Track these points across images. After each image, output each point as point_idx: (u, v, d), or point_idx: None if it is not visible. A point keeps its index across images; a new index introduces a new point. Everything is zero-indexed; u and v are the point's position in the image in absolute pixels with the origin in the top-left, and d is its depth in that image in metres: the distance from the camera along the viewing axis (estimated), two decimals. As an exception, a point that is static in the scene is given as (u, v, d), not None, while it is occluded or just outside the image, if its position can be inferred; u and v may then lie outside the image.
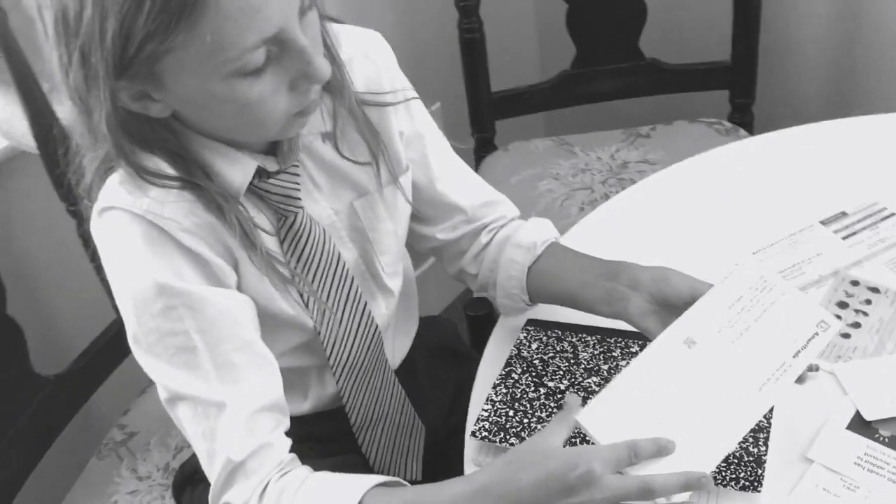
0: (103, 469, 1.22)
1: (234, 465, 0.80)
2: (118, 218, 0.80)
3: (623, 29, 1.67)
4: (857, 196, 1.17)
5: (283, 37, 0.73)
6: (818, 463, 0.86)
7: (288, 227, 0.89)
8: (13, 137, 1.22)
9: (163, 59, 0.71)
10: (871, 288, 1.04)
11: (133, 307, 0.81)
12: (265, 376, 0.84)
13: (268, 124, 0.79)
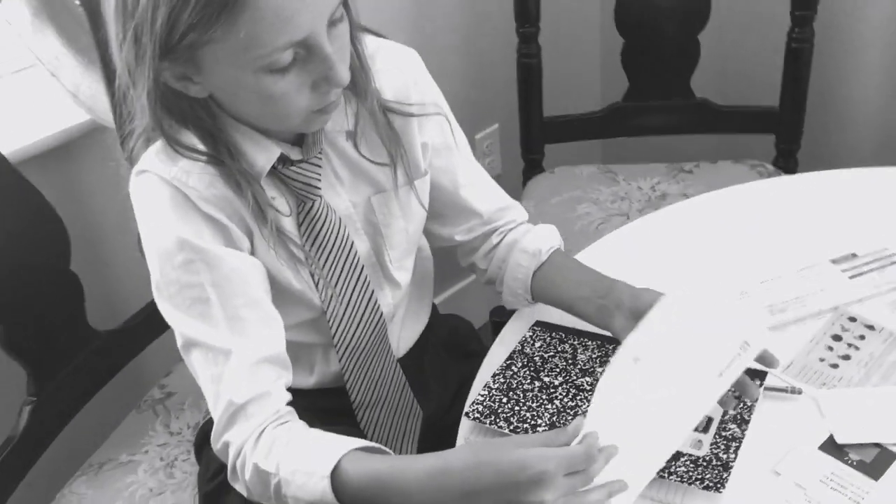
0: (140, 422, 1.33)
1: (235, 407, 0.89)
2: (150, 181, 0.91)
3: (676, 67, 1.73)
4: (870, 240, 1.21)
5: (310, 42, 0.83)
6: (785, 476, 0.90)
7: (306, 212, 0.98)
8: (95, 112, 1.34)
9: (202, 48, 0.81)
10: (867, 325, 1.08)
11: (157, 259, 0.91)
12: (270, 332, 0.94)
13: (290, 117, 0.88)
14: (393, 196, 1.05)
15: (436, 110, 1.06)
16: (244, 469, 0.90)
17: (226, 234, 0.93)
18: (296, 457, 0.87)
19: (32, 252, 1.18)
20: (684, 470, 0.90)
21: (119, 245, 1.48)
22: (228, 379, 0.90)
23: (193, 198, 0.90)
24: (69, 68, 1.31)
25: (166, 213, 0.90)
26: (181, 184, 0.90)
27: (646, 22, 1.69)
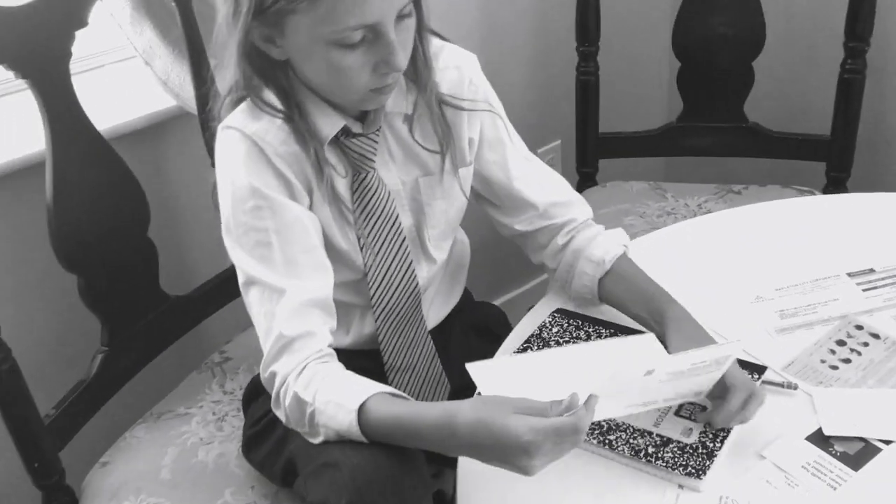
0: (199, 381, 1.46)
1: (284, 340, 1.01)
2: (233, 136, 1.05)
3: (730, 92, 1.79)
4: (890, 259, 1.26)
5: (378, 28, 0.96)
6: (769, 460, 0.96)
7: (360, 181, 1.10)
8: (181, 99, 1.49)
9: (288, 16, 0.95)
10: (872, 333, 1.13)
11: (230, 203, 1.05)
12: (321, 278, 1.06)
13: (350, 91, 1.02)
14: (438, 180, 1.16)
15: (486, 107, 1.18)
16: (286, 396, 1.01)
17: (290, 188, 1.05)
18: (330, 390, 0.98)
19: (114, 217, 1.31)
20: (671, 456, 0.97)
21: (194, 219, 1.62)
22: (280, 315, 1.02)
23: (268, 153, 1.04)
24: (161, 58, 1.46)
25: (244, 164, 1.04)
26: (259, 139, 1.04)
27: (702, 47, 1.76)
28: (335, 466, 0.95)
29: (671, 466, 0.96)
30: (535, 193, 1.23)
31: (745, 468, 0.96)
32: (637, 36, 2.09)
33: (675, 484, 0.95)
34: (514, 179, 1.22)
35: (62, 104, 1.22)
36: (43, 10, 1.16)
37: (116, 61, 1.62)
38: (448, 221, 1.20)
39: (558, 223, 1.23)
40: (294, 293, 1.03)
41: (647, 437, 1.00)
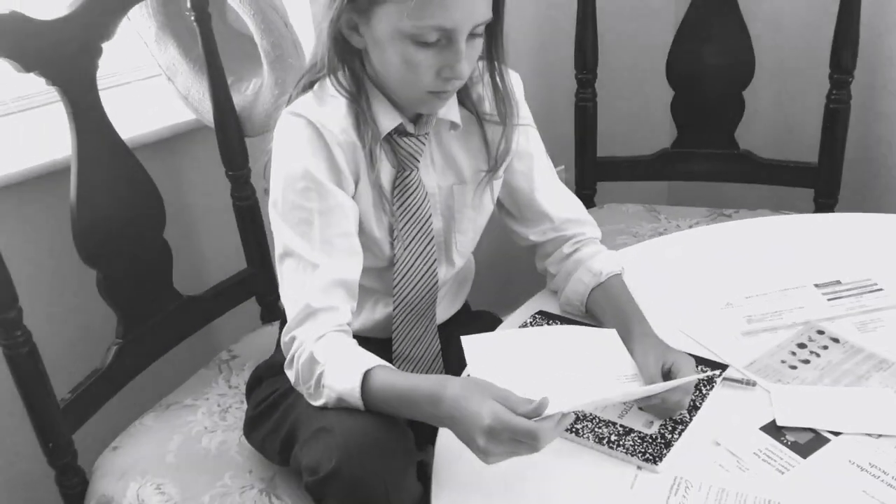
0: (206, 376, 1.55)
1: (311, 309, 1.11)
2: (298, 121, 1.15)
3: (721, 119, 1.87)
4: (858, 272, 1.33)
5: (452, 35, 1.08)
6: (724, 447, 1.03)
7: (403, 178, 1.21)
8: (200, 114, 1.60)
9: (379, 5, 1.07)
10: (832, 338, 1.20)
11: (283, 181, 1.14)
12: (352, 261, 1.16)
13: (413, 88, 1.12)
14: (471, 189, 1.27)
15: (526, 123, 1.29)
16: (300, 357, 1.10)
17: (340, 176, 1.15)
18: (343, 355, 1.09)
19: (133, 218, 1.42)
20: (631, 444, 1.05)
21: (208, 225, 1.73)
22: (311, 286, 1.12)
23: (328, 140, 1.14)
24: (183, 74, 1.57)
25: (303, 148, 1.14)
26: (322, 126, 1.14)
27: (694, 76, 1.85)
28: (329, 431, 1.04)
29: (631, 453, 1.03)
30: (553, 207, 1.33)
31: (700, 453, 1.03)
32: (635, 64, 2.18)
33: (635, 466, 1.02)
34: (536, 191, 1.32)
35: (89, 110, 1.32)
36: (73, 22, 1.27)
37: (143, 79, 1.74)
38: (475, 229, 1.31)
39: (568, 235, 1.33)
40: (326, 270, 1.12)
41: (612, 426, 1.07)
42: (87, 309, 1.49)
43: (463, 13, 1.06)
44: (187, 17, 1.48)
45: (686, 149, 1.92)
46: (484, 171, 1.26)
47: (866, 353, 1.16)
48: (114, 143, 1.38)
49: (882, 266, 1.34)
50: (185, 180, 1.68)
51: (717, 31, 1.82)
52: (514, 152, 1.28)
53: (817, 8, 1.95)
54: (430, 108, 1.18)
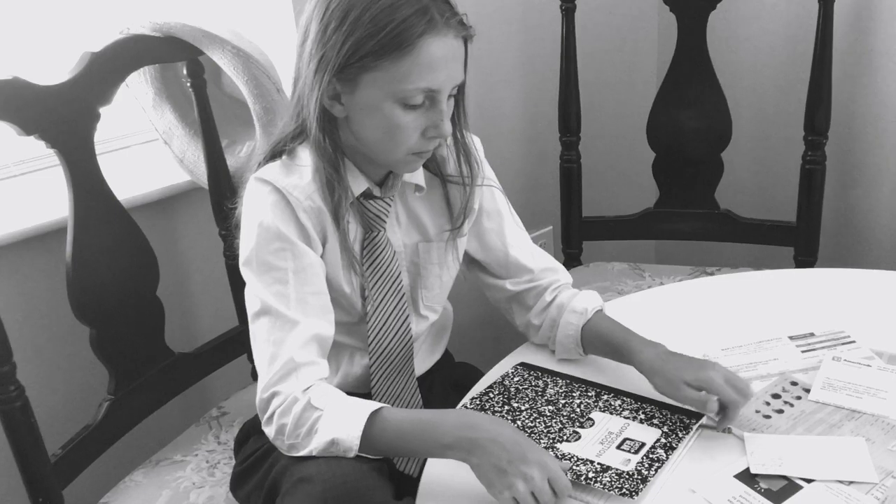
0: (196, 433, 1.57)
1: (293, 364, 1.13)
2: (265, 188, 1.20)
3: (701, 180, 1.93)
4: (831, 325, 1.37)
5: (436, 96, 1.14)
6: (699, 494, 1.05)
7: (371, 238, 1.26)
8: (195, 175, 1.65)
9: (367, 72, 1.12)
10: (805, 388, 1.23)
11: (256, 242, 1.18)
12: (325, 319, 1.20)
13: (397, 149, 1.18)
14: (435, 247, 1.32)
15: (491, 184, 1.35)
16: (289, 410, 1.11)
17: (308, 238, 1.20)
18: (346, 401, 1.12)
19: (127, 276, 1.45)
20: (608, 480, 1.07)
21: (201, 283, 1.76)
22: (291, 343, 1.15)
23: (294, 205, 1.18)
24: (179, 138, 1.63)
25: (272, 211, 1.18)
26: (289, 193, 1.19)
27: (674, 139, 1.92)
28: (309, 480, 1.07)
29: (608, 488, 1.06)
30: (529, 260, 1.38)
31: (676, 498, 1.05)
32: (617, 127, 2.25)
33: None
34: (510, 246, 1.37)
35: (86, 172, 1.37)
36: (73, 88, 1.33)
37: (141, 143, 1.79)
38: (441, 286, 1.35)
39: (545, 284, 1.38)
40: (305, 326, 1.16)
41: (589, 464, 1.10)
42: (80, 365, 1.52)
43: (446, 75, 1.13)
44: (183, 83, 1.54)
45: (668, 209, 1.97)
46: (447, 230, 1.32)
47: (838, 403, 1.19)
48: (110, 204, 1.43)
49: (854, 318, 1.38)
50: (180, 239, 1.73)
51: (694, 95, 1.89)
52: (477, 211, 1.34)
53: (791, 71, 2.03)
54: (410, 168, 1.23)
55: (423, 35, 1.10)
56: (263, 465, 1.26)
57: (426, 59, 1.10)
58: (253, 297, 1.19)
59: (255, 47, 1.48)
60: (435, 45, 1.11)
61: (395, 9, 1.09)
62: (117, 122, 1.69)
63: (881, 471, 1.07)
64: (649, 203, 1.99)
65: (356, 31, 1.10)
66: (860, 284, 1.50)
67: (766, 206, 2.07)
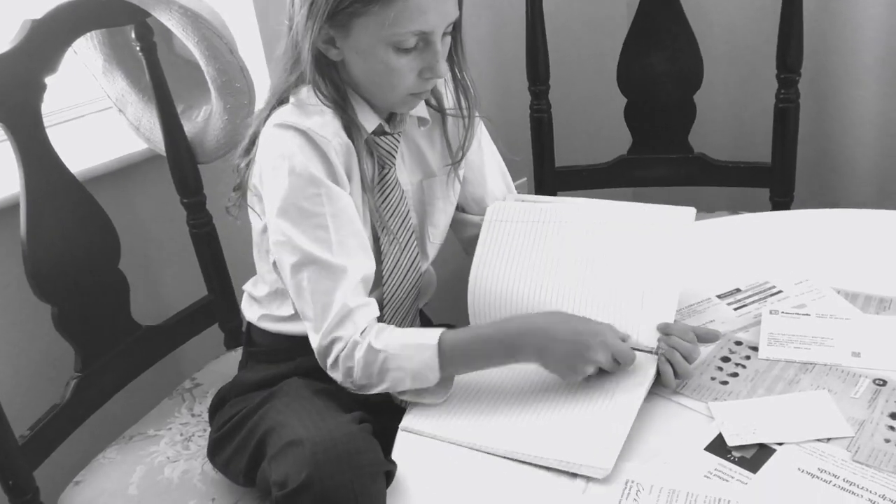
0: (169, 406, 1.54)
1: (348, 309, 1.14)
2: (288, 131, 1.16)
3: (674, 125, 1.89)
4: (753, 276, 1.35)
5: (429, 38, 1.13)
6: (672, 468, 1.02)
7: (382, 177, 1.24)
8: (152, 143, 1.60)
9: (358, 18, 1.11)
10: (751, 347, 1.21)
11: (288, 190, 1.15)
12: (366, 256, 1.19)
13: (394, 92, 1.17)
14: (438, 181, 1.32)
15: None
16: (352, 354, 1.14)
17: (339, 179, 1.17)
18: (404, 337, 1.15)
19: (86, 251, 1.42)
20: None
21: (165, 253, 1.73)
22: (342, 290, 1.15)
23: (323, 145, 1.16)
24: (133, 104, 1.58)
25: (302, 154, 1.15)
26: (315, 133, 1.16)
27: (645, 83, 1.87)
28: (297, 444, 1.06)
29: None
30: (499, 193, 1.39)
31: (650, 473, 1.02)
32: (587, 74, 2.20)
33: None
34: (486, 183, 1.38)
35: (35, 146, 1.32)
36: (15, 58, 1.27)
37: (94, 112, 1.74)
38: (445, 221, 1.36)
39: None
40: (354, 270, 1.16)
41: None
42: (45, 344, 1.49)
43: (438, 15, 1.13)
44: (133, 48, 1.49)
45: (642, 155, 1.93)
46: (449, 165, 1.32)
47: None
48: (63, 178, 1.38)
49: (776, 267, 1.37)
50: (140, 210, 1.68)
51: (664, 37, 1.84)
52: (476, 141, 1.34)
53: (761, 9, 1.98)
54: (409, 107, 1.23)
55: None
56: (242, 431, 1.25)
57: (414, 2, 1.09)
58: (290, 248, 1.16)
59: (205, 6, 1.41)
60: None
61: None
62: (68, 91, 1.63)
63: (852, 421, 1.06)
64: (623, 150, 1.95)
65: None
66: (779, 230, 1.50)
67: (741, 147, 2.04)
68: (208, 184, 1.59)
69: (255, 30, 1.77)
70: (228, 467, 1.30)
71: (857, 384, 1.12)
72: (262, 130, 1.20)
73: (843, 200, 2.05)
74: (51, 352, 1.48)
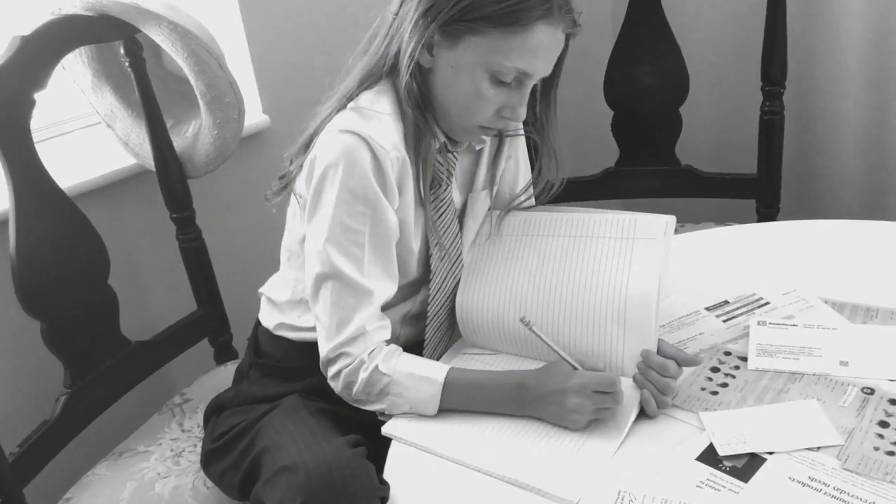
0: (159, 422, 1.54)
1: (363, 330, 1.16)
2: (348, 138, 1.14)
3: (661, 137, 1.91)
4: (740, 288, 1.37)
5: (525, 80, 1.14)
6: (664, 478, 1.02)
7: (437, 193, 1.24)
8: (141, 158, 1.60)
9: (473, 35, 1.11)
10: (740, 357, 1.22)
11: (336, 202, 1.14)
12: (392, 280, 1.21)
13: (470, 117, 1.17)
14: (479, 198, 1.33)
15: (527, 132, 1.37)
16: (356, 371, 1.16)
17: (389, 189, 1.16)
18: (411, 366, 1.17)
19: (75, 267, 1.41)
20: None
21: (156, 268, 1.72)
22: (363, 311, 1.16)
23: (381, 156, 1.14)
24: (122, 119, 1.58)
25: (355, 165, 1.13)
26: (374, 142, 1.14)
27: (631, 96, 1.89)
28: (292, 469, 1.05)
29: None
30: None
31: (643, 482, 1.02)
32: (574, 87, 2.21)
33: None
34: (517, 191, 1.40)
35: (24, 161, 1.32)
36: (3, 74, 1.27)
37: (83, 127, 1.73)
38: (472, 236, 1.34)
39: None
40: (379, 295, 1.18)
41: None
42: (34, 360, 1.48)
43: (545, 63, 1.14)
44: (122, 63, 1.49)
45: (629, 167, 1.94)
46: (489, 182, 1.33)
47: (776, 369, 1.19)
48: (52, 193, 1.38)
49: (763, 277, 1.39)
50: (130, 225, 1.68)
51: (650, 51, 1.85)
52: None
53: (745, 23, 2.00)
54: (472, 138, 1.25)
55: (539, 19, 1.09)
56: (239, 445, 1.25)
57: (533, 43, 1.10)
58: (322, 258, 1.16)
59: (194, 21, 1.42)
60: (545, 32, 1.10)
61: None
62: (57, 106, 1.63)
63: (841, 430, 1.07)
64: (610, 162, 1.96)
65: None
66: (767, 240, 1.52)
67: (728, 159, 2.05)
68: (198, 198, 1.60)
69: (244, 45, 1.77)
70: (222, 480, 1.30)
71: (846, 393, 1.13)
72: (322, 133, 1.18)
73: (829, 211, 2.06)
74: (40, 368, 1.47)
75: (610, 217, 1.27)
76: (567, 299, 1.21)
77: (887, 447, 1.03)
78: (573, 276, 1.22)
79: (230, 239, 1.81)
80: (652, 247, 1.21)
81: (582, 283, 1.21)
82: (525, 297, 1.24)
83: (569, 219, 1.30)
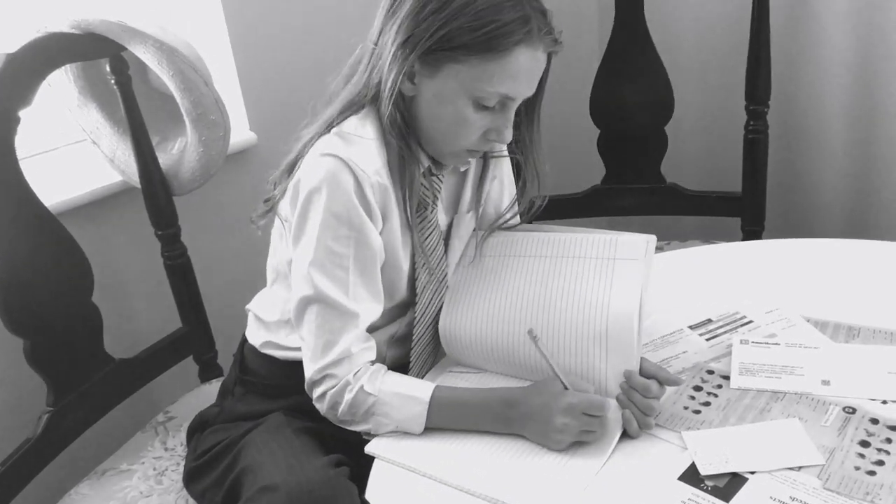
0: (142, 440, 1.53)
1: (349, 353, 1.16)
2: (330, 161, 1.14)
3: (647, 155, 1.92)
4: (723, 307, 1.37)
5: (509, 103, 1.14)
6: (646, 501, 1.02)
7: (423, 216, 1.23)
8: (127, 175, 1.60)
9: (453, 63, 1.10)
10: (722, 376, 1.22)
11: (321, 225, 1.14)
12: (377, 302, 1.20)
13: (455, 143, 1.17)
14: (464, 220, 1.32)
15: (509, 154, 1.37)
16: (342, 392, 1.16)
17: (373, 214, 1.16)
18: (396, 385, 1.16)
19: (59, 284, 1.41)
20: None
21: (141, 286, 1.72)
22: (349, 334, 1.16)
23: (363, 181, 1.14)
24: (107, 137, 1.58)
25: (338, 188, 1.13)
26: (356, 167, 1.14)
27: (617, 114, 1.90)
28: (273, 489, 1.05)
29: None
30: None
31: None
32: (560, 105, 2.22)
33: None
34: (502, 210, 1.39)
35: (8, 179, 1.31)
36: (-12, 92, 1.27)
37: (68, 144, 1.73)
38: (457, 257, 1.34)
39: None
40: (364, 317, 1.18)
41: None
42: (16, 378, 1.47)
43: (527, 85, 1.15)
44: (108, 80, 1.49)
45: (615, 185, 1.95)
46: (475, 203, 1.33)
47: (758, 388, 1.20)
48: (37, 211, 1.38)
49: (747, 295, 1.39)
50: (115, 242, 1.68)
51: (635, 70, 1.87)
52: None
53: (730, 42, 2.02)
54: (458, 162, 1.24)
55: (518, 44, 1.09)
56: (222, 463, 1.25)
57: (514, 67, 1.10)
58: (307, 281, 1.16)
59: (180, 40, 1.42)
60: (525, 55, 1.10)
61: (499, 9, 1.08)
62: (42, 123, 1.63)
63: (823, 449, 1.07)
64: (596, 180, 1.97)
65: (456, 19, 1.08)
66: (749, 259, 1.52)
67: (713, 177, 2.06)
68: (183, 215, 1.59)
69: (231, 63, 1.78)
70: (204, 498, 1.29)
71: (827, 412, 1.13)
72: (306, 157, 1.18)
73: (814, 229, 2.07)
74: (23, 386, 1.46)
75: (590, 237, 1.26)
76: (549, 319, 1.21)
77: (868, 467, 1.04)
78: (554, 297, 1.22)
79: (216, 256, 1.81)
80: (633, 267, 1.21)
81: (563, 304, 1.21)
82: (507, 318, 1.23)
83: (550, 239, 1.29)
